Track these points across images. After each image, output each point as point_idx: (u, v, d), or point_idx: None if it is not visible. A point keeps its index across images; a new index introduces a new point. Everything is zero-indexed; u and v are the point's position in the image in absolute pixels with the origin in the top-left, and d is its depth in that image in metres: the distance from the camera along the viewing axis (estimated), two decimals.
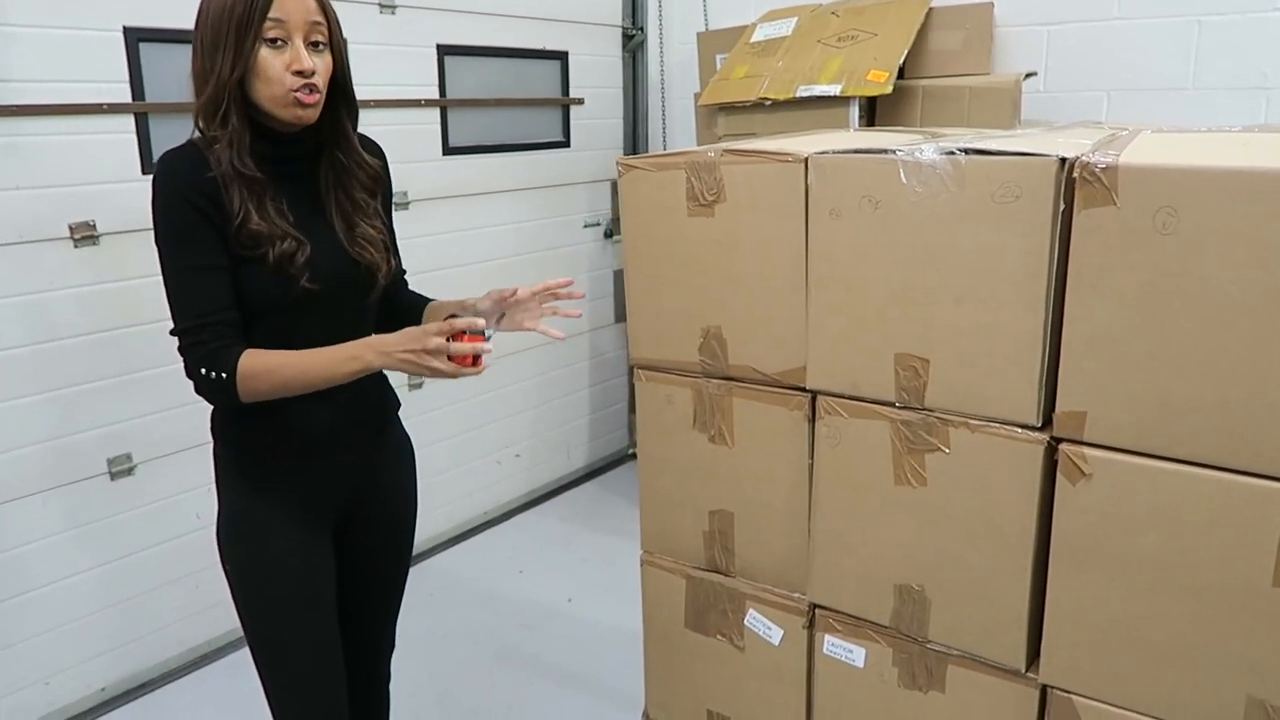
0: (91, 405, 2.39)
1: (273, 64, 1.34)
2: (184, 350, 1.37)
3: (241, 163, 1.35)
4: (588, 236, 3.85)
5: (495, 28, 3.29)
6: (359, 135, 1.52)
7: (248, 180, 1.36)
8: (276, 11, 1.33)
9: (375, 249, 1.49)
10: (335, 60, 1.42)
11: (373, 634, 1.71)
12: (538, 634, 2.84)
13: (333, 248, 1.45)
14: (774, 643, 1.57)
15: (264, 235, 1.36)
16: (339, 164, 1.48)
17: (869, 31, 3.03)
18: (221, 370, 1.35)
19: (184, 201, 1.34)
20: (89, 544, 2.44)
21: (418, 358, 1.33)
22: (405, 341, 1.34)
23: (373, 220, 1.51)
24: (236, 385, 1.35)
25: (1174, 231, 1.08)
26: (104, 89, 2.30)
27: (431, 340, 1.32)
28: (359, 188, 1.50)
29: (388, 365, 1.37)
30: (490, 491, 3.61)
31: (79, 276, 2.32)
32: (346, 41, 1.45)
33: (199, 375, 1.36)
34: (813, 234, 1.37)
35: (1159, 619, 1.18)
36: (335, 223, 1.47)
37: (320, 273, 1.41)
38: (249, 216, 1.35)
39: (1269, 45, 2.76)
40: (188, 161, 1.35)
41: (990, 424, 1.27)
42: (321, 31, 1.38)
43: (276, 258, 1.37)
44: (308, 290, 1.40)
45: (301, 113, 1.38)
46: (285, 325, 1.42)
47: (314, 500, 1.52)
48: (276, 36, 1.34)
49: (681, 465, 1.61)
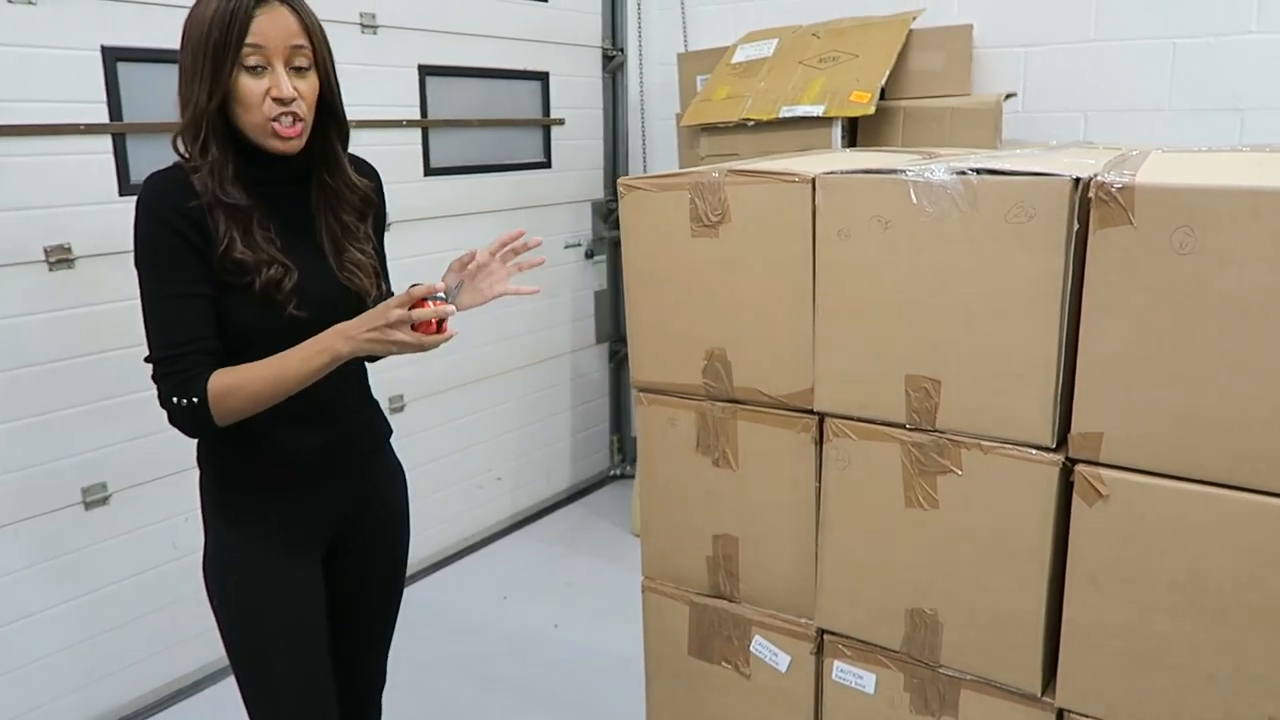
0: (65, 433, 2.32)
1: (252, 91, 1.30)
2: (157, 379, 1.34)
3: (224, 191, 1.31)
4: (569, 257, 3.82)
5: (477, 48, 3.27)
6: (351, 157, 1.49)
7: (231, 208, 1.32)
8: (255, 37, 1.29)
9: (364, 274, 1.46)
10: (322, 82, 1.38)
11: (364, 667, 1.66)
12: (525, 661, 2.79)
13: (321, 273, 1.41)
14: (781, 669, 1.54)
15: (249, 264, 1.32)
16: (328, 187, 1.44)
17: (850, 53, 3.05)
18: (192, 395, 1.30)
19: (167, 227, 1.30)
20: (62, 577, 2.36)
21: (381, 334, 1.29)
22: (368, 320, 1.30)
23: (362, 244, 1.48)
24: (209, 408, 1.31)
25: (1192, 251, 1.07)
26: (81, 109, 2.25)
27: (393, 313, 1.28)
28: (349, 211, 1.46)
29: (356, 349, 1.32)
30: (472, 516, 3.55)
31: (53, 300, 2.26)
32: (334, 60, 1.41)
33: (172, 404, 1.32)
34: (821, 254, 1.36)
35: (1179, 641, 1.17)
36: (325, 246, 1.43)
37: (308, 299, 1.37)
38: (233, 245, 1.31)
39: (1242, 67, 2.81)
40: (173, 185, 1.31)
41: (1003, 445, 1.26)
42: (305, 54, 1.34)
43: (263, 285, 1.33)
44: (295, 318, 1.36)
45: (281, 145, 1.34)
46: (269, 355, 1.38)
47: (304, 529, 1.48)
48: (256, 63, 1.30)
49: (684, 489, 1.58)
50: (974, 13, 3.13)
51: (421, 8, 3.05)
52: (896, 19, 3.11)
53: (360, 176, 1.49)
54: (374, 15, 2.89)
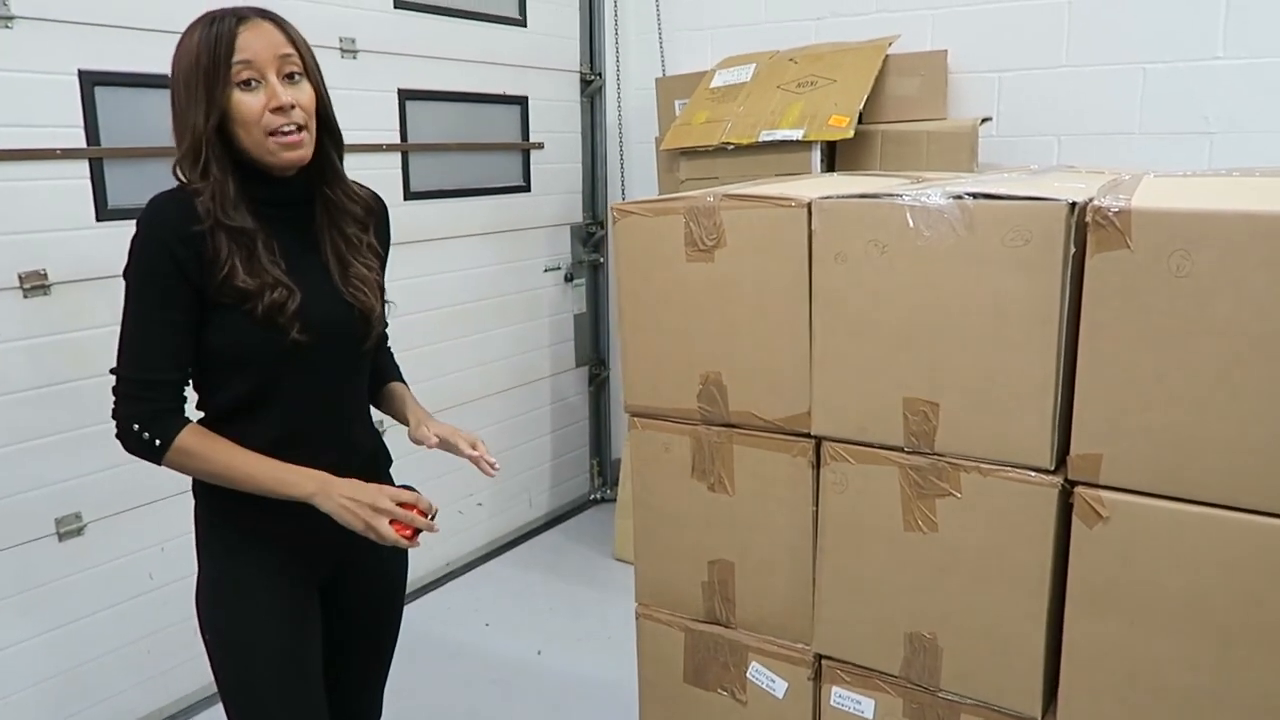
0: (39, 462, 2.26)
1: (249, 107, 1.30)
2: (120, 397, 1.32)
3: (226, 214, 1.30)
4: (548, 281, 3.81)
5: (456, 72, 3.27)
6: (356, 184, 1.48)
7: (235, 231, 1.31)
8: (242, 53, 1.29)
9: (369, 289, 1.45)
10: (315, 90, 1.37)
11: (361, 700, 1.63)
12: (509, 689, 2.75)
13: (326, 293, 1.40)
14: (778, 696, 1.53)
15: (252, 290, 1.31)
16: (330, 200, 1.44)
17: (828, 78, 3.08)
18: (158, 437, 1.31)
19: (164, 250, 1.29)
20: (35, 609, 2.30)
21: (360, 509, 1.33)
22: (356, 490, 1.34)
23: (366, 258, 1.47)
24: (166, 455, 1.32)
25: (1189, 274, 1.09)
26: (58, 133, 2.21)
27: (383, 501, 1.33)
28: (351, 222, 1.46)
29: (325, 506, 1.34)
30: (452, 542, 3.51)
31: (28, 328, 2.21)
32: (322, 71, 1.41)
33: (130, 430, 1.31)
34: (817, 278, 1.36)
35: (1181, 664, 1.18)
36: (330, 263, 1.42)
37: (312, 322, 1.36)
38: (234, 272, 1.30)
39: (1210, 91, 2.87)
40: (177, 210, 1.30)
41: (1002, 467, 1.27)
42: (294, 62, 1.34)
43: (265, 308, 1.32)
44: (297, 342, 1.34)
45: (289, 155, 1.33)
46: (269, 377, 1.36)
47: (301, 560, 1.45)
48: (248, 78, 1.30)
49: (679, 514, 1.57)
50: (948, 39, 3.18)
51: (401, 33, 3.04)
52: (872, 45, 3.15)
53: (361, 188, 1.50)
54: (354, 40, 2.88)
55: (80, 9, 2.22)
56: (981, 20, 3.18)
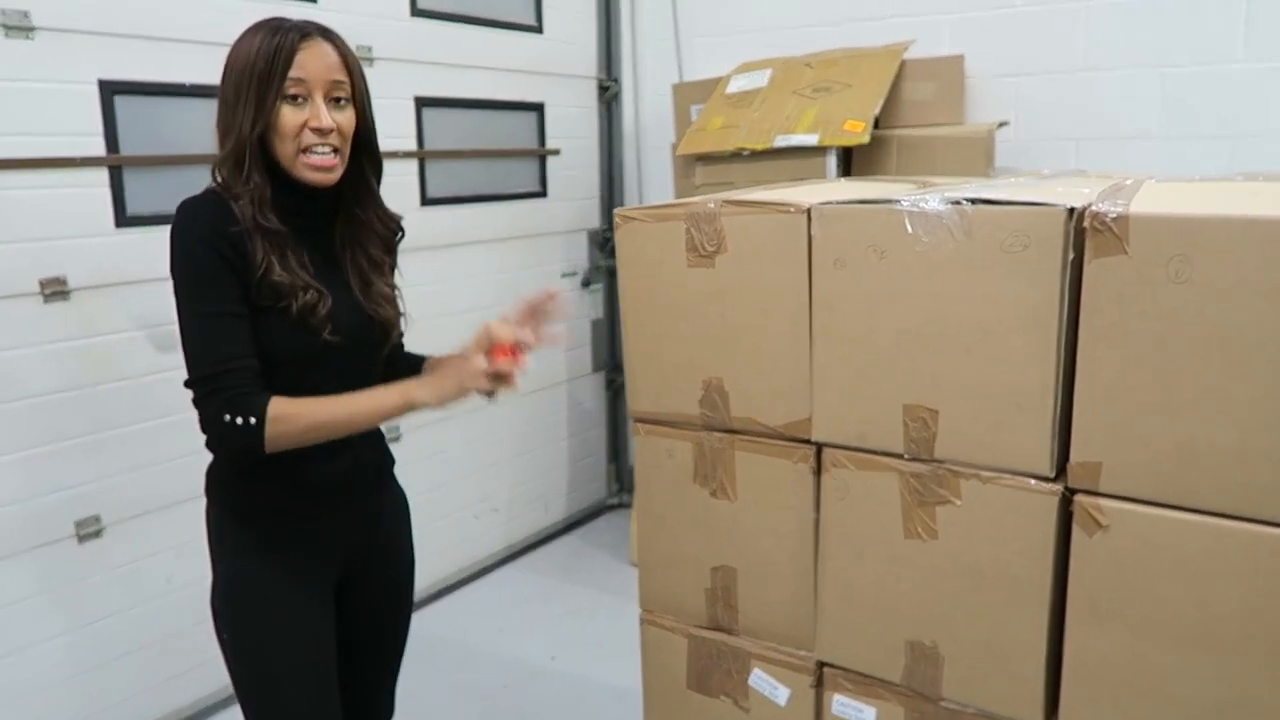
0: (59, 466, 2.30)
1: (291, 121, 1.33)
2: (203, 399, 1.31)
3: (264, 217, 1.33)
4: (565, 286, 3.83)
5: (473, 80, 3.29)
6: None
7: (270, 233, 1.34)
8: (298, 70, 1.32)
9: (390, 306, 1.49)
10: (359, 115, 1.41)
11: (373, 700, 1.64)
12: (522, 694, 2.76)
13: (350, 302, 1.43)
14: (780, 703, 1.52)
15: (286, 287, 1.34)
16: (356, 220, 1.46)
17: (843, 83, 3.07)
18: (250, 415, 1.29)
19: (208, 248, 1.31)
20: (54, 610, 2.34)
21: (458, 373, 1.37)
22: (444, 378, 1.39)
23: (388, 278, 1.50)
24: (265, 430, 1.29)
25: (1188, 280, 1.08)
26: (77, 142, 2.25)
27: (474, 363, 1.37)
28: (376, 244, 1.48)
29: (430, 395, 1.37)
30: (467, 547, 3.53)
31: (48, 333, 2.25)
32: (370, 96, 1.43)
33: (222, 423, 1.29)
34: (817, 284, 1.36)
35: (1182, 673, 1.16)
36: (351, 279, 1.45)
37: (341, 325, 1.39)
38: (271, 268, 1.33)
39: (1230, 96, 2.83)
40: (212, 210, 1.33)
41: (1002, 475, 1.26)
42: (344, 88, 1.37)
43: (299, 309, 1.34)
44: (328, 343, 1.37)
45: (314, 175, 1.36)
46: (298, 377, 1.38)
47: (316, 560, 1.47)
48: (297, 93, 1.33)
49: (682, 520, 1.57)
50: (965, 43, 3.16)
51: (418, 41, 3.07)
52: (888, 50, 3.14)
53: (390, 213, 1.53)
54: (370, 48, 2.91)
55: (100, 20, 2.26)
56: (999, 25, 3.16)
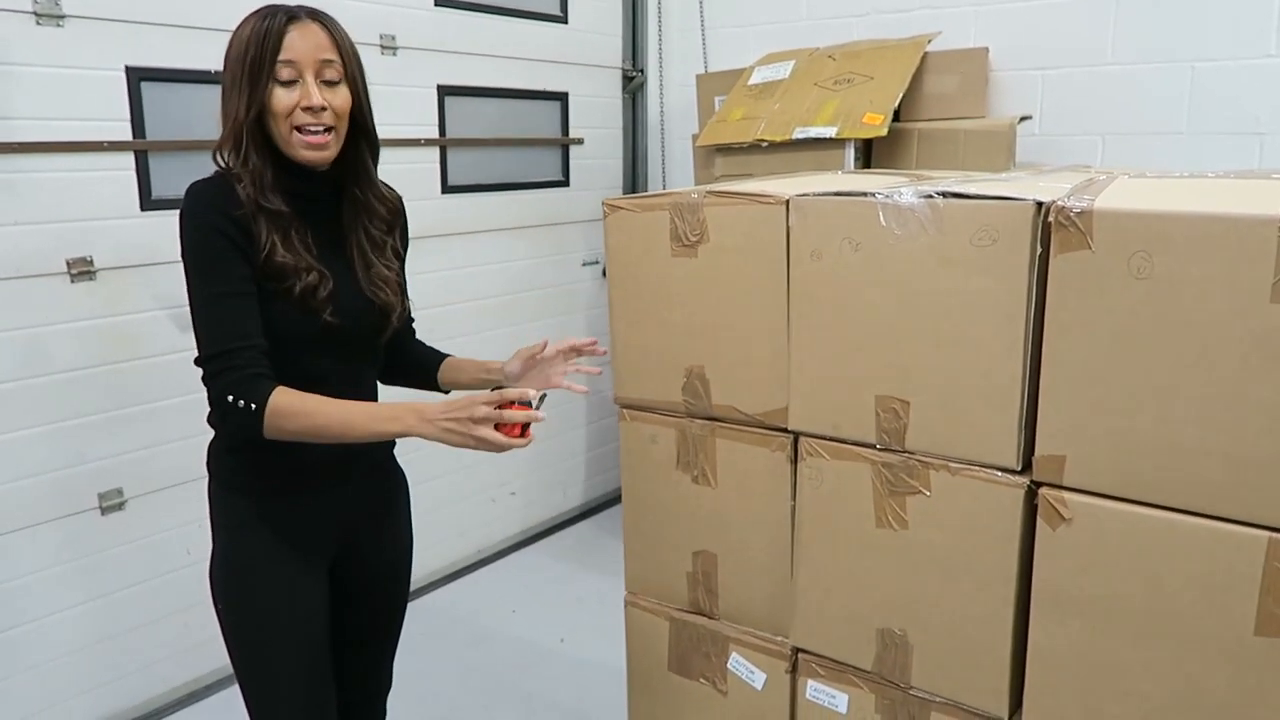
0: (83, 440, 2.39)
1: (284, 101, 1.37)
2: (210, 377, 1.35)
3: (265, 198, 1.37)
4: (585, 275, 3.86)
5: (496, 69, 3.33)
6: (384, 185, 1.54)
7: (272, 214, 1.37)
8: (287, 52, 1.36)
9: (390, 289, 1.51)
10: (353, 96, 1.43)
11: (370, 672, 1.69)
12: (531, 675, 2.81)
13: (351, 285, 1.46)
14: (757, 687, 1.55)
15: (289, 267, 1.37)
16: (358, 200, 1.50)
17: (865, 75, 3.06)
18: (251, 400, 1.31)
19: (215, 230, 1.34)
20: (77, 579, 2.43)
21: (462, 426, 1.28)
22: (450, 409, 1.29)
23: (389, 259, 1.53)
24: (264, 418, 1.32)
25: (1149, 276, 1.08)
26: (105, 127, 2.33)
27: (479, 409, 1.27)
28: (377, 224, 1.52)
29: (428, 433, 1.31)
30: (485, 530, 3.59)
31: (74, 311, 2.33)
32: (365, 77, 1.46)
33: (225, 403, 1.32)
34: (794, 275, 1.37)
35: (1142, 667, 1.17)
36: (354, 261, 1.48)
37: (341, 308, 1.42)
38: (275, 249, 1.36)
39: (1262, 91, 2.77)
40: (218, 192, 1.37)
41: (970, 467, 1.27)
42: (335, 68, 1.40)
43: (301, 290, 1.38)
44: (329, 325, 1.40)
45: (309, 154, 1.39)
46: (299, 359, 1.41)
47: (310, 536, 1.51)
48: (288, 76, 1.37)
49: (665, 505, 1.60)
50: (990, 36, 3.13)
51: (441, 30, 3.11)
52: (912, 42, 3.12)
53: (388, 190, 1.56)
54: (394, 37, 2.96)
55: (128, 8, 2.33)
56: (1025, 17, 3.12)
